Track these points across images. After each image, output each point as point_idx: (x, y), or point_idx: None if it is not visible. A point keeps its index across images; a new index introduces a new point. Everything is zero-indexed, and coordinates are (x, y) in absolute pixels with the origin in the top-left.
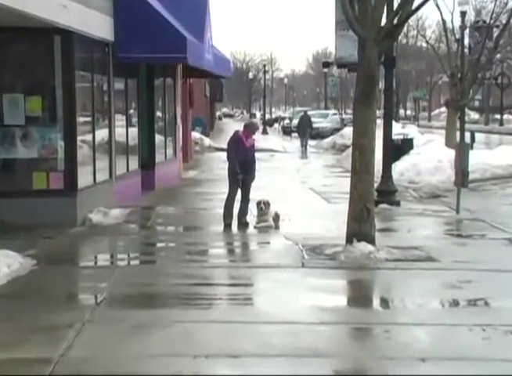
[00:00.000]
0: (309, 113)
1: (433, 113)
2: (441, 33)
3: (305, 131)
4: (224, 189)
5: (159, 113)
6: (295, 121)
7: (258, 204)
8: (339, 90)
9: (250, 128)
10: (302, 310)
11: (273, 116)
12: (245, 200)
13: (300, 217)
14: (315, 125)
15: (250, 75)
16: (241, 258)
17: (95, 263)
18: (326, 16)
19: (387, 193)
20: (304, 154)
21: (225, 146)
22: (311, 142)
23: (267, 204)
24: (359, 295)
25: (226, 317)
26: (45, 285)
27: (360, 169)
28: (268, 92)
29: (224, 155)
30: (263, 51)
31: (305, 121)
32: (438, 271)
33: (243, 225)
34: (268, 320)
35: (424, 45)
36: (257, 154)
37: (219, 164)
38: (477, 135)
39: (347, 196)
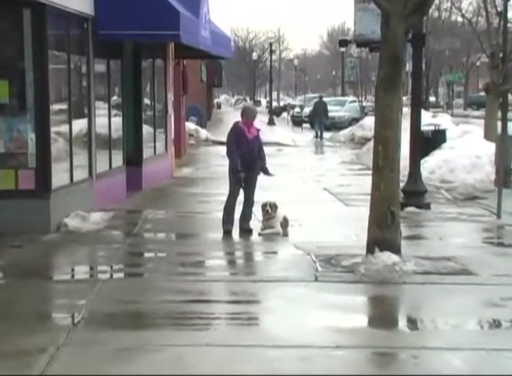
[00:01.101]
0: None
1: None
2: (479, 5)
3: (321, 120)
4: (223, 189)
5: (147, 101)
6: (307, 110)
7: (264, 206)
8: (358, 73)
9: (247, 115)
10: (315, 332)
11: (281, 104)
12: (248, 202)
13: (312, 222)
14: (330, 114)
15: (254, 56)
16: (243, 271)
17: (72, 276)
18: None
19: (415, 194)
20: (319, 148)
21: (224, 138)
22: (325, 134)
23: (274, 207)
24: (382, 314)
25: (226, 340)
26: (13, 302)
27: (383, 166)
28: (275, 76)
29: (223, 149)
30: (269, 27)
31: (321, 108)
32: (476, 286)
33: (245, 231)
34: (275, 344)
35: (460, 19)
36: (264, 148)
37: (218, 159)
38: None
39: (368, 197)
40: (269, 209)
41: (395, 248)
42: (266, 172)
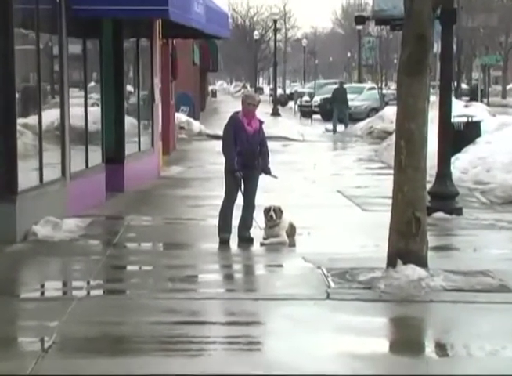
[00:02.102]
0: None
1: (508, 87)
2: None
3: (341, 109)
4: (219, 191)
5: (130, 88)
6: (317, 98)
7: (267, 212)
8: (378, 55)
9: (247, 104)
10: (327, 358)
11: (287, 91)
12: (248, 206)
13: (324, 230)
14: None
15: (256, 35)
16: (243, 287)
17: (42, 294)
18: None
19: (445, 197)
20: (331, 143)
21: (220, 132)
22: (339, 128)
23: (278, 212)
24: (406, 338)
25: (223, 368)
26: None
27: (407, 164)
28: (280, 59)
29: (219, 144)
30: (273, 1)
31: (340, 96)
32: None
33: (245, 241)
34: (280, 372)
35: None
36: (267, 143)
37: (212, 156)
38: None
39: (389, 201)
40: (273, 215)
41: (421, 261)
42: (268, 172)
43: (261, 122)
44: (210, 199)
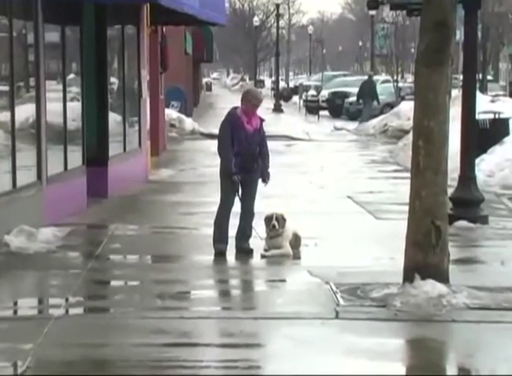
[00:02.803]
0: (346, 79)
1: None
2: None
3: (369, 105)
4: (214, 197)
5: (114, 81)
6: (325, 93)
7: (268, 220)
8: (393, 44)
9: (249, 101)
10: None
11: (291, 84)
12: (247, 214)
13: (332, 241)
14: (354, 99)
15: (256, 21)
16: (241, 305)
17: (15, 312)
18: None
19: (468, 203)
20: (341, 143)
21: (215, 130)
22: (350, 125)
23: (281, 220)
24: (424, 362)
25: None
26: None
27: (426, 167)
28: (283, 48)
29: (214, 144)
30: None
31: (369, 90)
32: None
33: (244, 252)
34: None
35: None
36: (269, 143)
37: (207, 158)
38: None
39: (406, 208)
40: (276, 223)
41: (441, 275)
42: (266, 178)
43: (261, 120)
44: (204, 205)
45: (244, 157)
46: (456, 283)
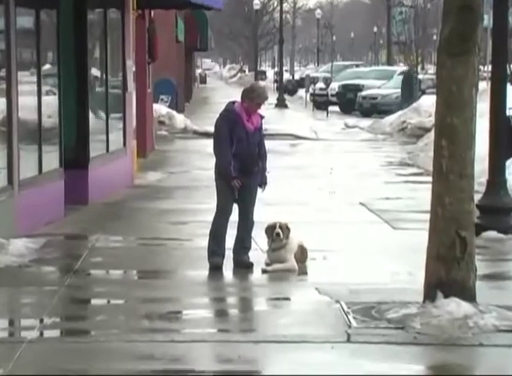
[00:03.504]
0: (359, 70)
1: None
2: None
3: (406, 99)
4: (209, 204)
5: (95, 72)
6: (335, 85)
7: (271, 230)
8: (412, 30)
9: (252, 97)
10: None
11: (297, 76)
12: (246, 223)
13: (343, 254)
14: (370, 93)
15: (256, 4)
16: (240, 327)
17: None
18: None
19: (498, 211)
20: (353, 143)
21: (210, 128)
22: (363, 122)
23: (285, 230)
24: None
25: None
26: None
27: (449, 170)
28: (288, 35)
29: (209, 144)
30: None
31: (408, 85)
32: None
33: (243, 267)
34: None
35: None
36: (269, 143)
37: (201, 159)
38: None
39: (427, 217)
40: (280, 232)
41: (467, 293)
42: (262, 182)
43: (261, 117)
44: (197, 214)
45: (244, 159)
46: (484, 303)
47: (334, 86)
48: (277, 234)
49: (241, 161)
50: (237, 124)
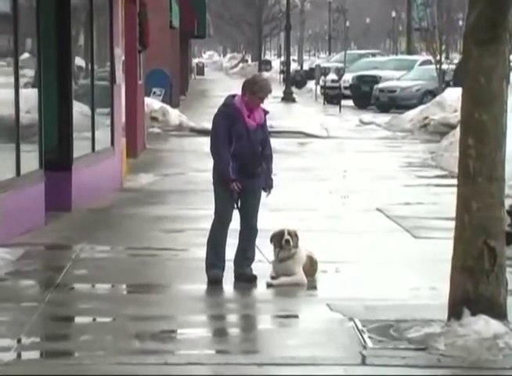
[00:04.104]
0: (375, 59)
1: None
2: None
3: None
4: (207, 209)
5: (80, 62)
6: (348, 77)
7: (279, 237)
8: (435, 15)
9: (254, 90)
10: None
11: (306, 66)
12: (248, 231)
13: (358, 266)
14: (388, 85)
15: None
16: (242, 348)
17: None
18: None
19: None
20: (368, 141)
21: (208, 124)
22: (380, 118)
23: (294, 239)
24: None
25: None
26: None
27: (477, 172)
28: (296, 20)
29: (207, 143)
30: None
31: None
32: None
33: (245, 280)
34: None
35: None
36: (274, 141)
37: (198, 160)
38: None
39: (452, 224)
40: (289, 240)
41: (497, 310)
42: (267, 186)
43: (265, 112)
44: (194, 221)
45: (245, 159)
46: None
47: (348, 78)
48: (286, 241)
49: (241, 162)
50: (237, 121)
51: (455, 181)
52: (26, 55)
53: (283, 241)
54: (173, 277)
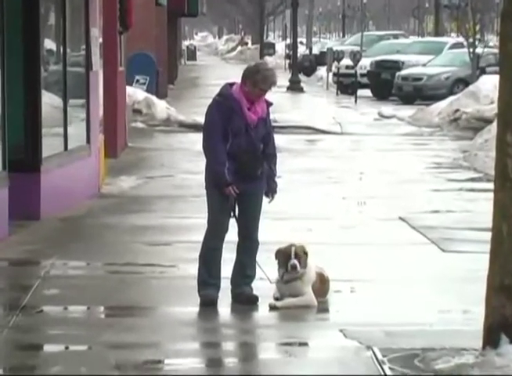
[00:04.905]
0: (398, 42)
1: None
2: None
3: None
4: (199, 218)
5: (49, 44)
6: (366, 62)
7: (284, 258)
8: None
9: (255, 81)
10: None
11: (315, 50)
12: (248, 244)
13: (377, 285)
14: (413, 72)
15: None
16: None
17: None
18: None
19: None
20: (389, 138)
21: (200, 118)
22: (403, 110)
23: (301, 255)
24: None
25: None
26: None
27: None
28: None
29: (199, 139)
30: None
31: None
32: None
33: (244, 302)
34: None
35: None
36: (279, 138)
37: (190, 160)
38: None
39: (488, 236)
40: (296, 263)
41: None
42: (270, 190)
43: (268, 104)
44: (184, 232)
45: (243, 159)
46: None
47: (365, 63)
48: (293, 265)
49: (239, 162)
50: (235, 114)
51: (491, 185)
52: None
53: (289, 266)
54: (159, 298)
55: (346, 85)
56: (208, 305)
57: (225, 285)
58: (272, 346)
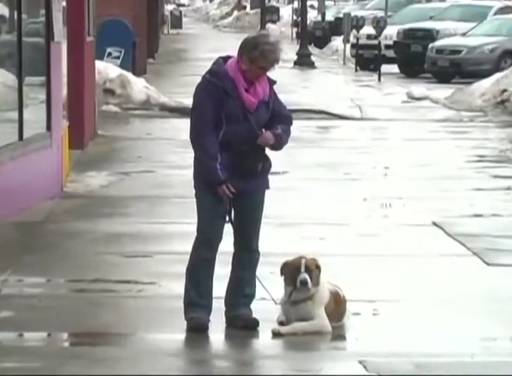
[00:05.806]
0: (430, 6)
1: None
2: None
3: None
4: (186, 223)
5: (1, 9)
6: (393, 31)
7: (292, 273)
8: None
9: (254, 57)
10: None
11: (329, 16)
12: (247, 256)
13: (404, 306)
14: (449, 43)
15: None
16: None
17: None
18: None
19: None
20: (419, 125)
21: (187, 101)
22: (438, 91)
23: (314, 272)
24: None
25: None
26: None
27: None
28: None
29: (185, 126)
30: None
31: None
32: None
33: (241, 326)
34: None
35: None
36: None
37: (174, 152)
38: None
39: None
40: (307, 278)
41: None
42: (276, 141)
43: (270, 82)
44: (167, 241)
45: (240, 152)
46: None
47: (391, 32)
48: (303, 283)
49: (235, 155)
50: (229, 95)
51: None
52: None
53: (298, 282)
54: (137, 323)
55: (367, 59)
56: (197, 330)
57: (218, 306)
58: None
